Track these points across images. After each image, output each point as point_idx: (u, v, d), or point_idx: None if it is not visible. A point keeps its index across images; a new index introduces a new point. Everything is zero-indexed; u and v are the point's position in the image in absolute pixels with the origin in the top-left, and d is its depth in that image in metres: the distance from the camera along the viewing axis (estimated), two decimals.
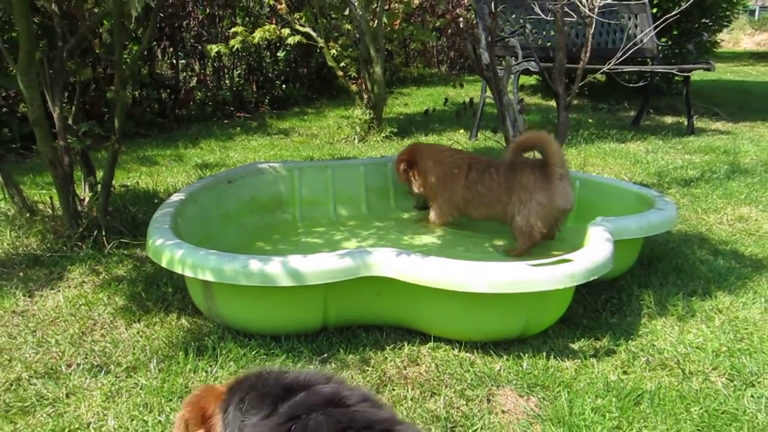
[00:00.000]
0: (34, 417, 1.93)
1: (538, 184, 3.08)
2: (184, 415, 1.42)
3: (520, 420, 1.95)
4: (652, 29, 6.47)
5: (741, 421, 1.94)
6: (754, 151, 5.71)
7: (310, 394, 1.29)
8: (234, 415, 1.34)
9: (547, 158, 3.07)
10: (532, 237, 3.10)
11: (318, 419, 1.21)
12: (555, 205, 3.07)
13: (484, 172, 3.31)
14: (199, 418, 1.41)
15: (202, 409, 1.42)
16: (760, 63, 16.05)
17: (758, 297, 2.76)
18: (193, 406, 1.42)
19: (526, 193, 3.10)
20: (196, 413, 1.41)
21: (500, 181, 3.23)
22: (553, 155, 3.05)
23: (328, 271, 2.19)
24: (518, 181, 3.14)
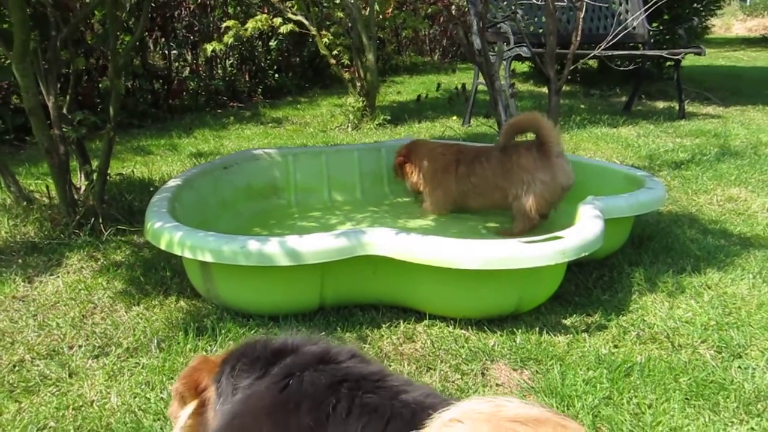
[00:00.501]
0: (39, 396, 1.97)
1: (538, 164, 3.10)
2: (178, 387, 1.48)
3: (513, 392, 2.00)
4: (643, 13, 6.51)
5: (728, 390, 1.99)
6: (744, 134, 5.77)
7: (300, 354, 1.34)
8: (227, 382, 1.40)
9: (542, 137, 3.10)
10: (533, 219, 3.12)
11: (312, 375, 1.27)
12: (558, 182, 3.10)
13: (473, 163, 3.34)
14: (193, 390, 1.46)
15: (196, 381, 1.47)
16: (751, 48, 16.10)
17: (746, 273, 2.82)
18: (187, 379, 1.47)
19: (528, 173, 3.11)
20: (191, 386, 1.46)
21: (494, 168, 3.25)
22: (547, 134, 3.07)
23: (324, 251, 2.23)
24: (516, 164, 3.15)
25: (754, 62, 12.76)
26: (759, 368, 2.11)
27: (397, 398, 1.20)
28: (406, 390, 1.23)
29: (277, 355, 1.36)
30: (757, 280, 2.76)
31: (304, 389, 1.25)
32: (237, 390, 1.35)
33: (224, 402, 1.38)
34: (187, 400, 1.46)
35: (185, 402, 1.47)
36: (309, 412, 1.21)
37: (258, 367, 1.35)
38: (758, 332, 2.34)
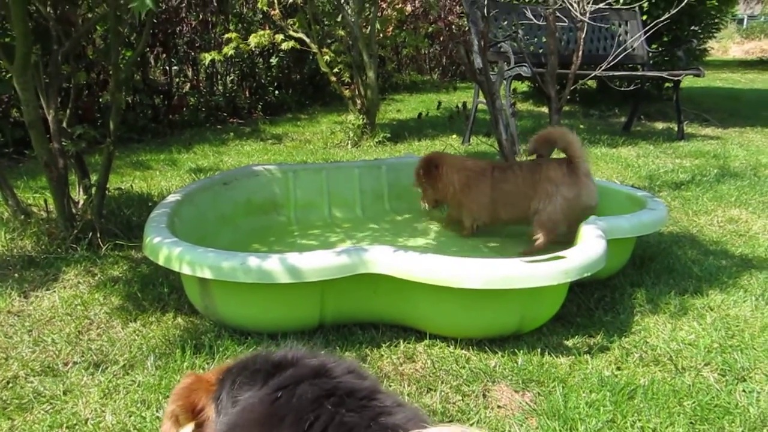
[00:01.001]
0: (32, 413, 1.93)
1: (565, 179, 3.09)
2: (174, 410, 1.40)
3: (515, 414, 1.97)
4: (643, 35, 6.55)
5: (733, 414, 1.96)
6: (743, 156, 5.77)
7: (298, 367, 1.32)
8: (227, 397, 1.35)
9: (571, 154, 3.09)
10: (552, 232, 3.09)
11: (305, 388, 1.24)
12: (581, 201, 3.07)
13: (507, 170, 3.32)
14: (189, 413, 1.39)
15: (192, 402, 1.40)
16: (748, 71, 16.22)
17: (748, 295, 2.80)
18: (183, 400, 1.40)
19: (553, 186, 3.10)
20: (186, 407, 1.39)
21: (525, 176, 3.23)
22: (576, 151, 3.07)
23: (325, 268, 2.20)
24: (545, 175, 3.13)
25: (751, 84, 12.84)
26: (764, 392, 2.09)
27: (377, 420, 1.17)
28: (390, 412, 1.19)
29: (277, 368, 1.33)
30: (759, 302, 2.74)
31: (292, 403, 1.24)
32: (237, 403, 1.32)
33: (224, 416, 1.33)
34: (182, 422, 1.39)
35: (179, 424, 1.39)
36: (290, 426, 1.19)
37: (259, 379, 1.32)
38: (762, 355, 2.32)
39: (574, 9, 3.86)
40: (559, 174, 3.10)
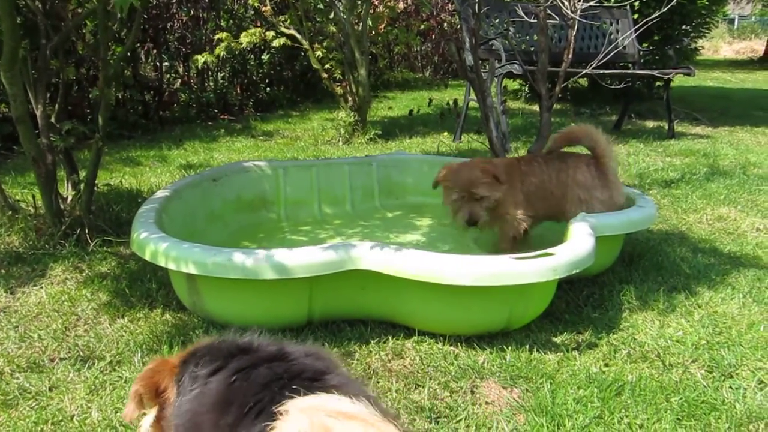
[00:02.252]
0: (17, 410, 1.92)
1: (596, 183, 2.98)
2: (138, 390, 1.44)
3: (503, 410, 1.97)
4: (634, 33, 6.56)
5: (719, 410, 1.97)
6: (732, 154, 5.80)
7: (259, 352, 1.36)
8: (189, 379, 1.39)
9: (598, 153, 3.00)
10: None
11: (259, 372, 1.29)
12: (613, 202, 2.98)
13: (530, 162, 3.12)
14: (153, 393, 1.44)
15: (156, 383, 1.44)
16: (739, 70, 16.30)
17: (736, 292, 2.81)
18: (147, 380, 1.44)
19: (585, 191, 2.97)
20: (150, 388, 1.44)
21: (550, 174, 3.05)
22: (604, 150, 2.99)
23: (313, 264, 2.20)
24: (573, 179, 3.00)
25: (741, 84, 12.91)
26: (750, 388, 2.10)
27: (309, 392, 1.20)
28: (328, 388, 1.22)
29: (240, 352, 1.38)
30: (747, 300, 2.75)
31: (244, 387, 1.28)
32: (197, 378, 1.37)
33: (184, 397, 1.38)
34: (145, 402, 1.45)
35: (143, 404, 1.45)
36: (236, 409, 1.24)
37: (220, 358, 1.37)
38: (749, 352, 2.33)
39: (565, 7, 3.86)
40: (589, 178, 2.98)
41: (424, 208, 3.96)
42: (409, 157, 4.25)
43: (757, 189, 4.55)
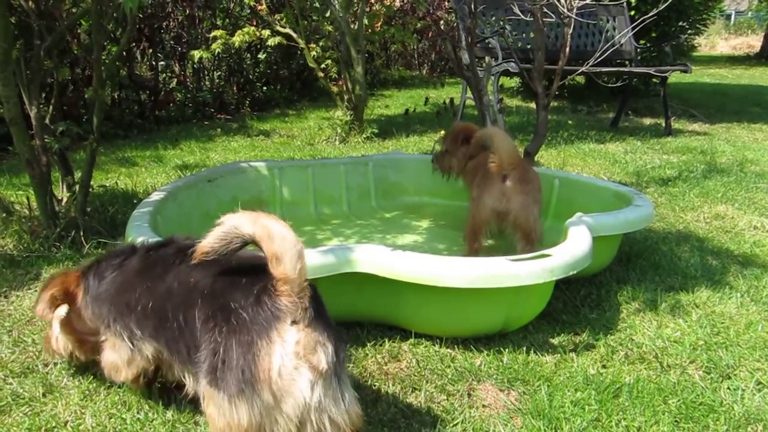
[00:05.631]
0: (10, 416, 1.90)
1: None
2: (53, 293, 1.92)
3: (500, 414, 1.96)
4: (630, 31, 6.55)
5: (718, 412, 1.96)
6: (730, 152, 5.80)
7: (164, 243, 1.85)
8: (96, 275, 1.87)
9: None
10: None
11: (169, 248, 1.78)
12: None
13: None
14: (63, 294, 1.92)
15: (66, 287, 1.93)
16: (736, 66, 16.30)
17: (734, 292, 2.80)
18: (58, 286, 1.93)
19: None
20: (62, 290, 1.93)
21: None
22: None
23: (311, 267, 2.17)
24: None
25: (738, 80, 12.91)
26: (748, 390, 2.09)
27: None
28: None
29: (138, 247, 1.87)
30: (745, 299, 2.74)
31: (160, 254, 1.78)
32: (108, 273, 1.83)
33: (98, 286, 1.84)
34: (58, 301, 1.92)
35: (55, 305, 1.92)
36: (161, 266, 1.74)
37: (126, 254, 1.85)
38: (747, 352, 2.32)
39: (562, 5, 3.85)
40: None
41: (420, 209, 3.95)
42: (406, 157, 4.23)
43: (755, 186, 4.55)
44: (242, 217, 1.50)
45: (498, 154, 2.81)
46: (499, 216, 2.89)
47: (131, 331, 1.75)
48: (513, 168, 2.83)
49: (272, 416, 1.44)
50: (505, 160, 2.80)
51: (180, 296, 1.63)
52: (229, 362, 1.45)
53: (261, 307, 1.47)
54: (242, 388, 1.43)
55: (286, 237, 1.46)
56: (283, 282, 1.46)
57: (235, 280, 1.57)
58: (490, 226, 2.94)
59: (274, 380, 1.43)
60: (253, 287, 1.51)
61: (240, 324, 1.47)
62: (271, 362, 1.43)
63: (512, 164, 2.82)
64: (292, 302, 1.46)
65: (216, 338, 1.49)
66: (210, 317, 1.53)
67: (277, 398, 1.44)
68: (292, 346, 1.45)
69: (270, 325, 1.45)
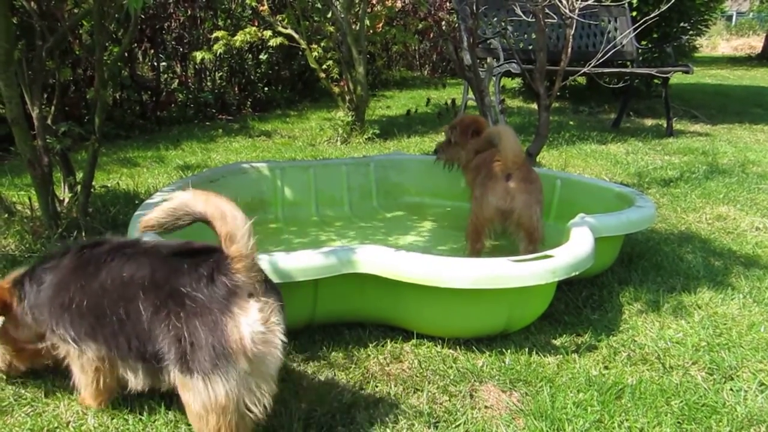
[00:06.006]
0: (12, 416, 1.90)
1: None
2: None
3: (502, 415, 1.96)
4: (632, 32, 6.55)
5: (720, 413, 1.96)
6: (731, 152, 5.79)
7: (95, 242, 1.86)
8: (32, 281, 1.85)
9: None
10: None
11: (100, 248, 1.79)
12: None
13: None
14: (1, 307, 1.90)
15: (2, 299, 1.90)
16: (737, 67, 16.30)
17: (736, 293, 2.80)
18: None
19: None
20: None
21: None
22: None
23: (314, 268, 2.18)
24: None
25: (739, 81, 12.90)
26: (751, 391, 2.09)
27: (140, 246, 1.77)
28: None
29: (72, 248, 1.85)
30: (747, 300, 2.74)
31: (94, 252, 1.78)
32: (46, 276, 1.82)
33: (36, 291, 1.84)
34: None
35: None
36: (94, 264, 1.74)
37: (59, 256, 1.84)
38: (749, 353, 2.32)
39: (564, 5, 3.85)
40: None
41: (422, 209, 3.95)
42: (407, 157, 4.23)
43: (756, 187, 4.55)
44: (194, 196, 1.55)
45: (504, 152, 2.82)
46: (503, 215, 2.89)
47: (70, 332, 1.76)
48: (517, 168, 2.83)
49: (251, 384, 1.55)
50: (510, 159, 2.81)
51: (116, 291, 1.66)
52: (198, 343, 1.52)
53: (216, 287, 1.55)
54: (216, 363, 1.50)
55: (237, 216, 1.53)
56: (238, 259, 1.54)
57: (175, 267, 1.62)
58: (494, 225, 2.94)
59: (249, 348, 1.52)
60: (200, 270, 1.58)
61: (198, 306, 1.54)
62: (241, 332, 1.52)
63: (517, 164, 2.83)
64: (249, 277, 1.56)
65: (175, 325, 1.54)
66: (161, 307, 1.58)
67: (255, 363, 1.54)
68: (257, 315, 1.54)
69: (230, 301, 1.54)
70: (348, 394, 2.02)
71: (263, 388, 1.57)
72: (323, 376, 2.13)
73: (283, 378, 2.10)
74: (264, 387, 1.57)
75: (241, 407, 1.56)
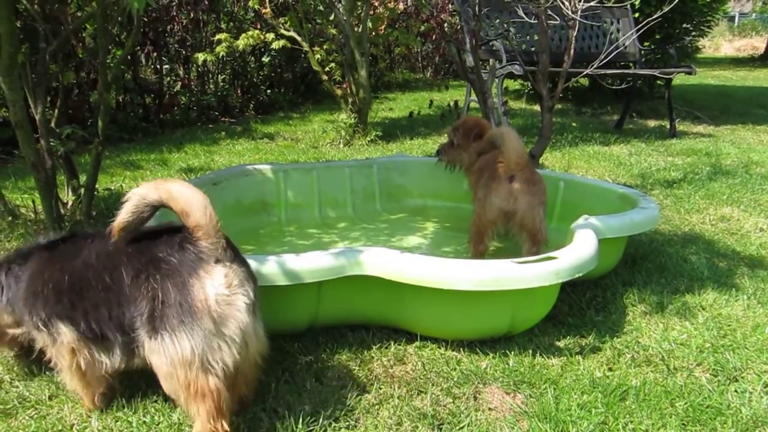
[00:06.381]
0: (17, 419, 1.90)
1: None
2: None
3: (506, 417, 1.95)
4: (635, 33, 6.55)
5: (725, 415, 1.95)
6: (735, 153, 5.78)
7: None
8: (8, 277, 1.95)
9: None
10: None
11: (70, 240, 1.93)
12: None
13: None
14: None
15: None
16: (740, 68, 16.27)
17: (740, 294, 2.79)
18: None
19: None
20: None
21: None
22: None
23: (321, 269, 2.17)
24: None
25: (742, 81, 12.88)
26: (756, 392, 2.08)
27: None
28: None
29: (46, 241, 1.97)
30: (751, 301, 2.73)
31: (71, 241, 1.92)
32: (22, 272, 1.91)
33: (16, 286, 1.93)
34: None
35: None
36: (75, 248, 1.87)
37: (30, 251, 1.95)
38: (754, 355, 2.31)
39: (566, 7, 3.85)
40: None
41: (425, 211, 3.95)
42: (410, 159, 4.23)
43: (760, 188, 4.54)
44: (146, 188, 1.69)
45: (507, 154, 2.82)
46: (507, 216, 2.89)
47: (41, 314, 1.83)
48: (520, 169, 2.83)
49: (214, 343, 1.66)
50: (514, 160, 2.81)
51: (101, 262, 1.78)
52: (168, 301, 1.65)
53: (185, 252, 1.69)
54: (182, 320, 1.63)
55: (184, 192, 1.67)
56: (197, 229, 1.67)
57: (155, 237, 1.77)
58: (497, 226, 2.93)
59: (213, 308, 1.65)
60: (174, 238, 1.72)
61: (171, 268, 1.68)
62: (206, 293, 1.65)
63: (520, 165, 2.83)
64: (211, 243, 1.68)
65: (152, 286, 1.68)
66: (141, 270, 1.70)
67: (218, 323, 1.65)
68: (222, 279, 1.67)
69: (197, 265, 1.67)
70: (352, 396, 2.02)
71: (225, 348, 1.67)
72: (327, 378, 2.13)
73: (287, 380, 2.10)
74: (225, 348, 1.67)
75: (205, 364, 1.66)
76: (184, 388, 1.66)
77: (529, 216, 2.84)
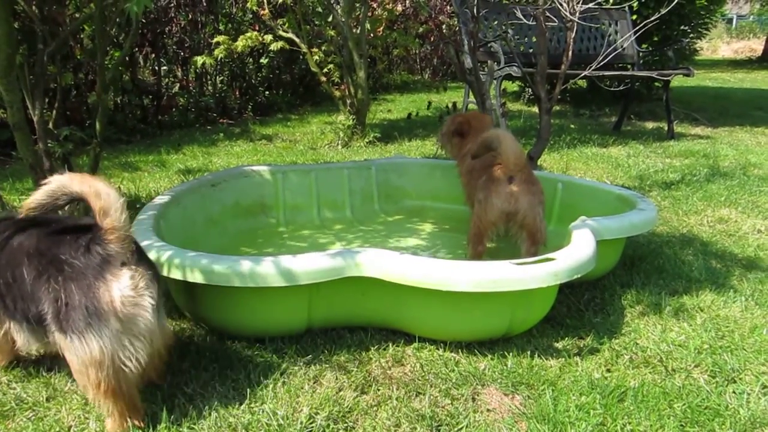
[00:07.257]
0: (14, 421, 1.90)
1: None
2: None
3: (505, 418, 1.95)
4: (633, 35, 6.56)
5: (723, 416, 1.96)
6: (732, 155, 5.79)
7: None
8: None
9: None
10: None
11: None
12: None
13: None
14: None
15: None
16: (738, 70, 16.31)
17: (738, 295, 2.80)
18: None
19: None
20: None
21: None
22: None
23: (318, 271, 2.17)
24: None
25: (740, 83, 12.91)
26: (754, 393, 2.08)
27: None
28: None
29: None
30: (749, 303, 2.73)
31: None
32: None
33: None
34: None
35: None
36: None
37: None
38: (752, 356, 2.31)
39: (564, 9, 3.85)
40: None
41: (423, 212, 3.95)
42: (408, 160, 4.23)
43: (758, 190, 4.54)
44: (70, 178, 1.75)
45: (505, 155, 2.82)
46: (508, 217, 2.89)
47: None
48: (519, 170, 2.83)
49: (122, 342, 1.73)
50: (512, 161, 2.81)
51: (5, 258, 1.85)
52: (72, 304, 1.70)
53: (92, 255, 1.73)
54: (89, 323, 1.69)
55: (110, 194, 1.71)
56: (111, 231, 1.72)
57: (58, 238, 1.80)
58: (497, 227, 2.94)
59: (119, 309, 1.71)
60: (79, 240, 1.75)
61: (75, 272, 1.72)
62: (112, 295, 1.70)
63: (518, 166, 2.83)
64: (121, 247, 1.74)
65: (54, 287, 1.73)
66: (42, 272, 1.75)
67: (125, 323, 1.72)
68: (128, 281, 1.73)
69: (103, 268, 1.72)
70: (350, 398, 2.01)
71: (136, 344, 1.75)
72: (325, 380, 2.13)
73: (284, 381, 2.10)
74: (136, 344, 1.75)
75: (116, 362, 1.73)
76: (95, 386, 1.73)
77: (530, 216, 2.85)
